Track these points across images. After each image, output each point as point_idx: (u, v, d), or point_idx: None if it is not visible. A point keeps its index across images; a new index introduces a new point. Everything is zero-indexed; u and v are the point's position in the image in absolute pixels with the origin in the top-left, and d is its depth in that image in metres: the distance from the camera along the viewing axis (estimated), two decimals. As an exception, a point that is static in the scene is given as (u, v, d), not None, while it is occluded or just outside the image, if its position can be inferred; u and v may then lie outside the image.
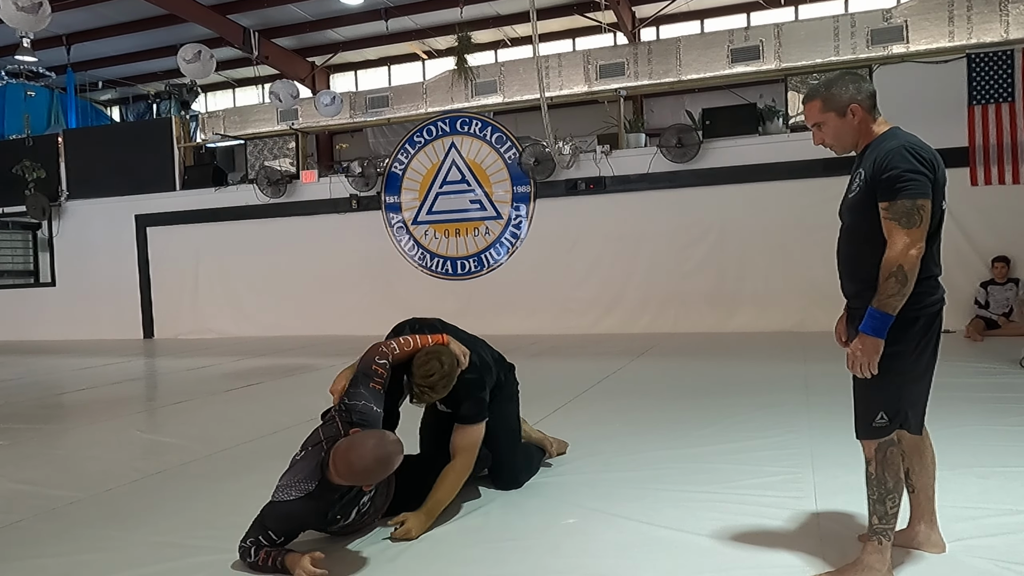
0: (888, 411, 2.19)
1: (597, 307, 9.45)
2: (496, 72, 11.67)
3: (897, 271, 2.07)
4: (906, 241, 2.08)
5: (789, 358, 6.57)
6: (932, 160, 2.14)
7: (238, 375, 7.12)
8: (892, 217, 2.11)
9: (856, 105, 2.24)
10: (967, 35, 9.02)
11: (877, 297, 2.10)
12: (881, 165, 2.14)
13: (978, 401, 4.47)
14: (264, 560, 2.48)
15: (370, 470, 2.42)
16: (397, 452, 2.46)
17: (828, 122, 2.29)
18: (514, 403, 3.32)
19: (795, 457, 3.48)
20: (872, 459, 2.22)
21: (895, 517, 2.22)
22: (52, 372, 8.15)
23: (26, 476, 3.80)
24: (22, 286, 12.75)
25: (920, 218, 2.09)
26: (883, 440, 2.20)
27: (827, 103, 2.27)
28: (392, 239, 10.47)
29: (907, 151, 2.12)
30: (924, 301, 2.16)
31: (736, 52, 10.17)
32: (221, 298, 11.23)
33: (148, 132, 12.34)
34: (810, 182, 8.40)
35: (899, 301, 2.08)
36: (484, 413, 3.00)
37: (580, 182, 9.52)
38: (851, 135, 2.29)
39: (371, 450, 2.41)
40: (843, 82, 2.27)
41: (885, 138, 2.22)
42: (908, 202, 2.09)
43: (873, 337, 2.11)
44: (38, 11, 6.57)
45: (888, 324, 2.10)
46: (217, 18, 12.86)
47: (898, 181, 2.10)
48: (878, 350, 2.11)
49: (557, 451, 3.62)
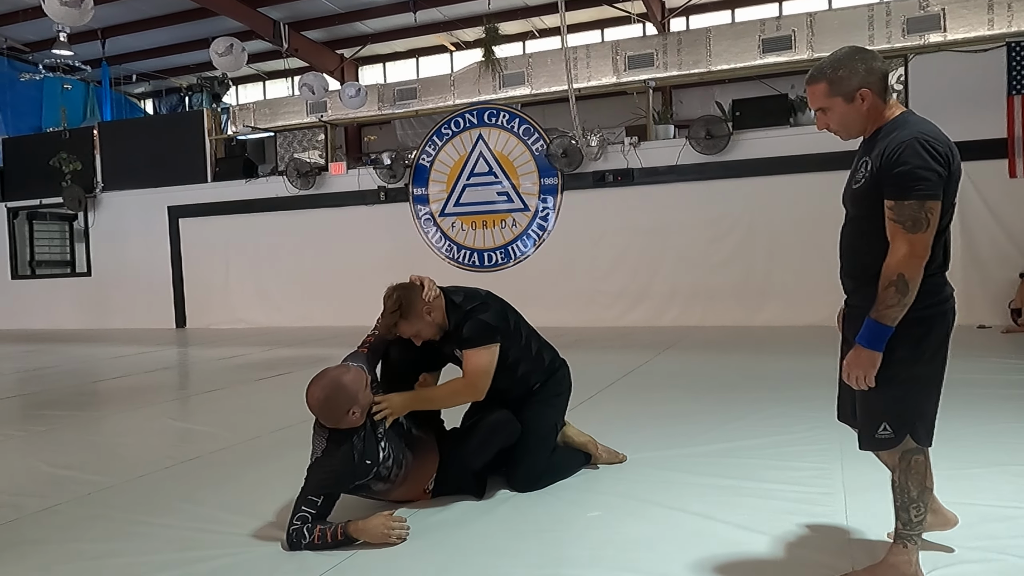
0: (892, 422, 2.06)
1: (624, 300, 9.41)
2: (524, 63, 11.64)
3: (898, 280, 1.93)
4: (909, 248, 1.93)
5: (818, 352, 6.45)
6: (947, 153, 1.96)
7: (268, 365, 7.22)
8: (897, 219, 1.95)
9: (866, 89, 2.05)
10: (1007, 23, 8.80)
11: (876, 307, 1.97)
12: (891, 158, 1.96)
13: (1012, 398, 4.37)
14: (321, 536, 2.50)
15: (317, 398, 2.62)
16: (339, 376, 2.63)
17: (834, 107, 2.10)
18: (552, 409, 3.14)
19: (824, 452, 3.44)
20: (896, 467, 2.12)
21: (921, 524, 2.14)
22: (88, 360, 8.33)
23: (63, 461, 3.89)
24: (59, 276, 13.05)
25: (927, 223, 1.93)
26: (908, 449, 2.08)
27: (833, 86, 2.07)
28: (419, 231, 10.51)
29: (920, 144, 1.93)
30: (927, 300, 1.99)
31: (768, 42, 10.02)
32: (251, 288, 11.38)
33: (180, 124, 12.52)
34: (842, 175, 8.06)
35: (898, 312, 1.94)
36: (490, 337, 2.88)
37: (608, 174, 9.47)
38: (859, 121, 2.10)
39: (316, 380, 2.65)
40: (852, 63, 2.06)
41: (897, 124, 2.04)
42: (916, 204, 1.92)
43: (869, 350, 1.98)
44: (81, 5, 6.67)
45: (886, 336, 1.96)
46: (247, 11, 13.00)
47: (908, 179, 1.93)
48: (874, 363, 1.99)
49: (607, 459, 3.36)
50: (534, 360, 3.08)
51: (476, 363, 2.87)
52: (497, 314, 2.96)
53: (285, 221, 11.10)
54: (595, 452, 3.33)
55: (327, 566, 2.44)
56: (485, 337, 2.88)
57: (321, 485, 2.60)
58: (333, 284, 10.76)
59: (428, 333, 2.91)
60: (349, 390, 2.61)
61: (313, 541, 2.50)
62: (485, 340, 2.87)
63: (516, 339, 3.01)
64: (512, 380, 3.03)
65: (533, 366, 3.08)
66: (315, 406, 2.64)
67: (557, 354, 3.25)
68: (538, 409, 3.06)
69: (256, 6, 13.11)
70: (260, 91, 17.36)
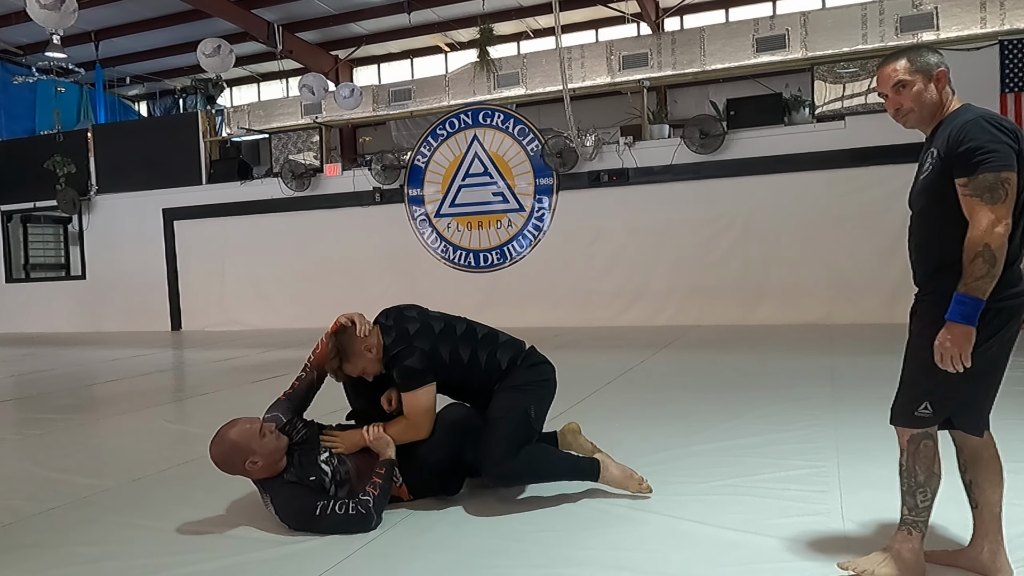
0: (934, 403, 2.03)
1: (620, 299, 9.42)
2: (518, 64, 11.65)
3: (984, 250, 1.86)
4: (991, 218, 1.86)
5: (814, 351, 6.50)
6: (1015, 130, 1.94)
7: (264, 367, 7.21)
8: (973, 193, 1.90)
9: (943, 71, 2.08)
10: (1000, 21, 8.83)
11: (963, 281, 1.89)
12: (957, 139, 1.94)
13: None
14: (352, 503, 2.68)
15: (214, 458, 2.76)
16: (225, 433, 2.72)
17: (915, 83, 2.08)
18: (521, 394, 2.99)
19: (820, 451, 3.45)
20: (905, 449, 2.10)
21: (927, 511, 2.11)
22: (83, 363, 8.30)
23: (59, 465, 3.87)
24: (54, 279, 13.02)
25: (1005, 192, 1.88)
26: (918, 431, 2.07)
27: (915, 63, 2.08)
28: (415, 232, 10.51)
29: (987, 121, 1.93)
30: (1003, 292, 1.93)
31: (761, 41, 10.05)
32: (247, 290, 11.36)
33: (175, 127, 12.51)
34: (836, 173, 8.31)
35: (989, 284, 1.87)
36: (421, 379, 2.87)
37: (603, 174, 9.47)
38: (932, 102, 2.08)
39: (212, 440, 2.78)
40: (928, 50, 2.12)
41: (959, 113, 2.04)
42: (991, 175, 1.88)
43: (963, 324, 1.89)
44: (61, 7, 6.63)
45: (979, 309, 1.88)
46: (242, 13, 12.98)
47: (977, 152, 1.89)
48: (970, 339, 1.90)
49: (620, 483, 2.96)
50: (485, 372, 3.02)
51: (414, 405, 2.89)
52: (424, 355, 2.89)
53: (280, 223, 11.09)
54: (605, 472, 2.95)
55: (326, 566, 2.44)
56: (416, 381, 2.87)
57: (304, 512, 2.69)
58: (329, 286, 10.75)
59: (373, 368, 2.94)
60: (239, 445, 2.70)
61: (371, 505, 2.70)
62: (417, 383, 2.88)
63: (456, 366, 2.97)
64: (471, 392, 3.08)
65: (487, 377, 3.02)
66: (218, 465, 2.78)
67: (524, 350, 3.12)
68: (504, 394, 2.98)
69: (250, 8, 13.10)
70: (255, 93, 17.33)
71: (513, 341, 3.16)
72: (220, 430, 2.77)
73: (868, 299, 7.87)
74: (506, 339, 3.14)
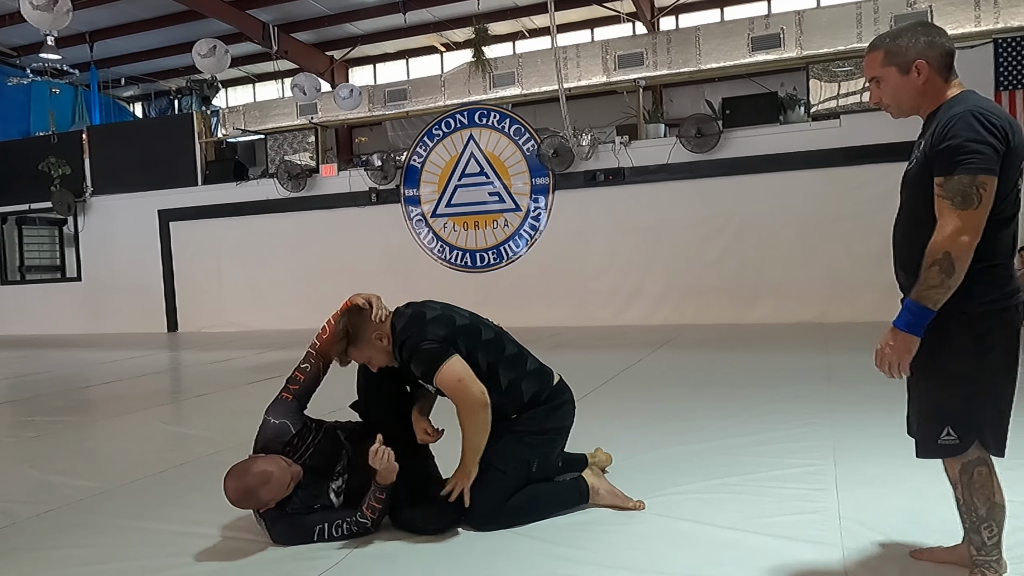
0: (956, 426, 1.86)
1: (617, 299, 9.42)
2: (514, 64, 11.63)
3: (942, 259, 1.76)
4: (957, 225, 1.76)
5: (810, 350, 6.51)
6: (1005, 128, 1.80)
7: (260, 368, 7.20)
8: (945, 195, 1.79)
9: (923, 62, 1.90)
10: (994, 19, 8.85)
11: (916, 287, 1.80)
12: (941, 134, 1.82)
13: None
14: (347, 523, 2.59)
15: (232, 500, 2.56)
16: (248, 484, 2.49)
17: (887, 78, 1.95)
18: (525, 446, 2.73)
19: (816, 449, 3.46)
20: (957, 482, 1.91)
21: (997, 549, 1.92)
22: (78, 365, 8.28)
23: (54, 467, 3.86)
24: (49, 281, 12.98)
25: (978, 198, 1.76)
26: (968, 460, 1.88)
27: (890, 55, 1.94)
28: (411, 232, 10.50)
29: (975, 116, 1.79)
30: (993, 294, 1.83)
31: (757, 40, 10.05)
32: (243, 291, 11.34)
33: (170, 128, 12.48)
34: (832, 171, 8.33)
35: (942, 295, 1.77)
36: (442, 355, 2.57)
37: (599, 173, 9.48)
38: (912, 96, 1.95)
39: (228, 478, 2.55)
40: (914, 34, 1.93)
41: (954, 102, 1.89)
42: (967, 178, 1.76)
43: (905, 333, 1.81)
44: (54, 8, 6.61)
45: (926, 320, 1.79)
46: (237, 13, 12.95)
47: (958, 152, 1.77)
48: (910, 350, 1.82)
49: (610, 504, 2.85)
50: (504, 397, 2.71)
51: (449, 382, 2.57)
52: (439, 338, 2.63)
53: (276, 224, 11.07)
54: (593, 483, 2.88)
55: (325, 566, 2.44)
56: (439, 356, 2.58)
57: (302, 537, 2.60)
58: (325, 286, 10.70)
59: (380, 360, 2.68)
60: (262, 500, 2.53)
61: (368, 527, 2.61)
62: (442, 357, 2.57)
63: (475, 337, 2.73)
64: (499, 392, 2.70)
65: (504, 403, 2.71)
66: (231, 501, 2.57)
67: (551, 385, 2.86)
68: (514, 441, 2.73)
69: (245, 8, 13.07)
70: (250, 93, 17.30)
71: (542, 370, 2.87)
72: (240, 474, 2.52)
73: (864, 297, 7.87)
74: (535, 367, 2.85)
